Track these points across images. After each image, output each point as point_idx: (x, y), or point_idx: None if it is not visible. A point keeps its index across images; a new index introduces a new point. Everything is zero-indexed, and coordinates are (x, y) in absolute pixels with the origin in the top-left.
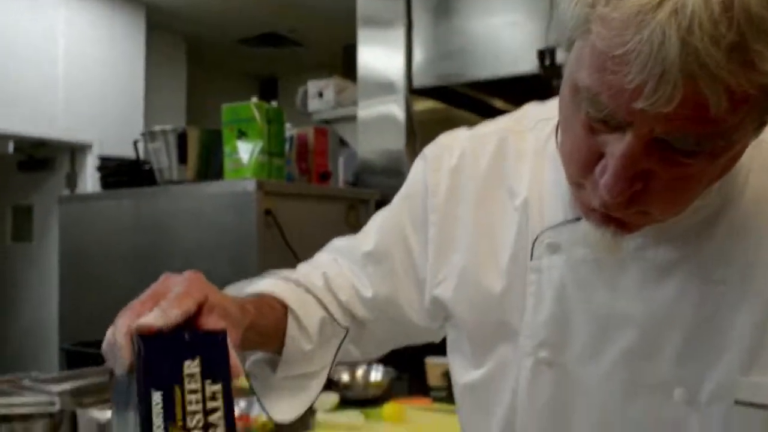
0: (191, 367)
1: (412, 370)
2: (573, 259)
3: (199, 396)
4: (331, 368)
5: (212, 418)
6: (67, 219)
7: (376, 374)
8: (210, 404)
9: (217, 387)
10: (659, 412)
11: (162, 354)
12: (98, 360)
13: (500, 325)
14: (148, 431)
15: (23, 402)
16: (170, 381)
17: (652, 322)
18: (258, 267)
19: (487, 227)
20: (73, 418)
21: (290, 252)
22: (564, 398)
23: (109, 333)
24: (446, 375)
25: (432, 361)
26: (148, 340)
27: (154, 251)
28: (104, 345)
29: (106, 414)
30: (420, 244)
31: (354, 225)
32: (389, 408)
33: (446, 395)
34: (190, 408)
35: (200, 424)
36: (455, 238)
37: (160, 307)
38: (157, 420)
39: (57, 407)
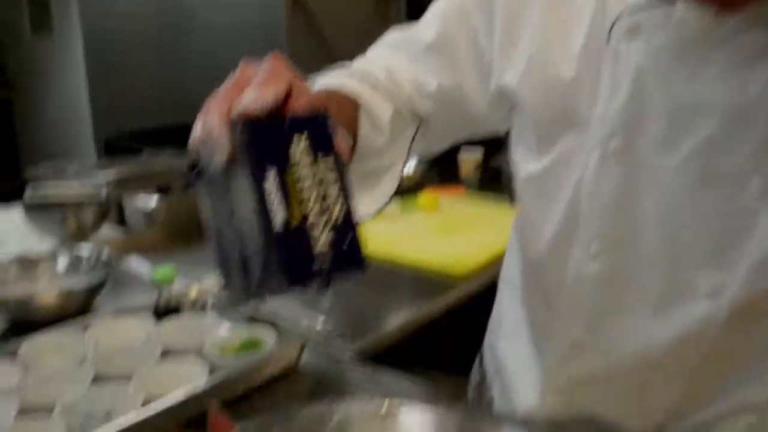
0: (298, 146)
1: (444, 161)
2: (654, 46)
3: (311, 174)
4: (404, 163)
5: (328, 197)
6: (88, 8)
7: (410, 166)
8: (323, 178)
9: (329, 160)
10: (731, 205)
11: (268, 137)
12: (136, 149)
13: (568, 113)
14: (264, 216)
15: (73, 190)
16: (280, 163)
17: (734, 111)
18: (287, 53)
19: (559, 9)
20: (120, 206)
21: (320, 38)
22: (631, 190)
23: (198, 127)
24: (479, 167)
25: (465, 154)
26: (252, 125)
27: (179, 36)
28: (194, 140)
29: (151, 201)
30: (485, 28)
31: (383, 11)
32: (424, 197)
33: (478, 186)
34: (304, 186)
35: (317, 209)
36: (524, 21)
37: (251, 90)
38: (275, 203)
39: (105, 195)
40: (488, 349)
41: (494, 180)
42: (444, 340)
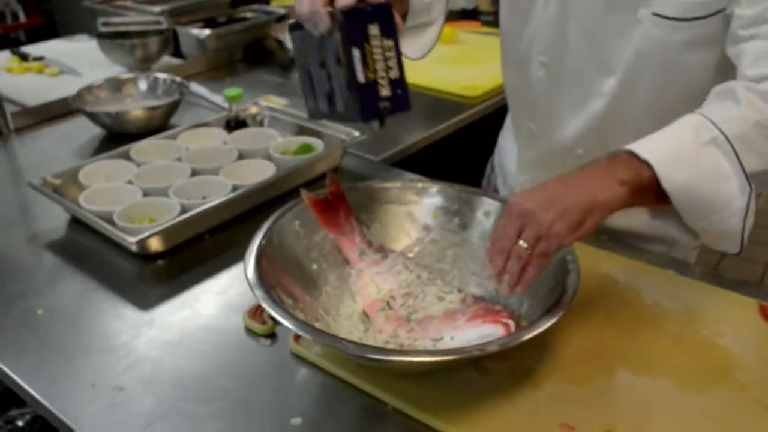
0: (373, 29)
1: None
2: None
3: (380, 50)
4: (444, 18)
5: (390, 63)
6: None
7: None
8: (387, 54)
9: (391, 42)
10: (624, 26)
11: (354, 22)
12: None
13: None
14: (354, 78)
15: (139, 21)
16: (362, 41)
17: None
18: None
19: None
20: (175, 35)
21: None
22: (564, 17)
23: (305, 4)
24: (495, 2)
25: None
26: (346, 15)
27: None
28: (300, 12)
29: (204, 32)
30: None
31: None
32: (443, 31)
33: (494, 19)
34: (376, 57)
35: (383, 68)
36: None
37: None
38: (359, 67)
39: (164, 25)
40: (497, 148)
41: None
42: (458, 154)
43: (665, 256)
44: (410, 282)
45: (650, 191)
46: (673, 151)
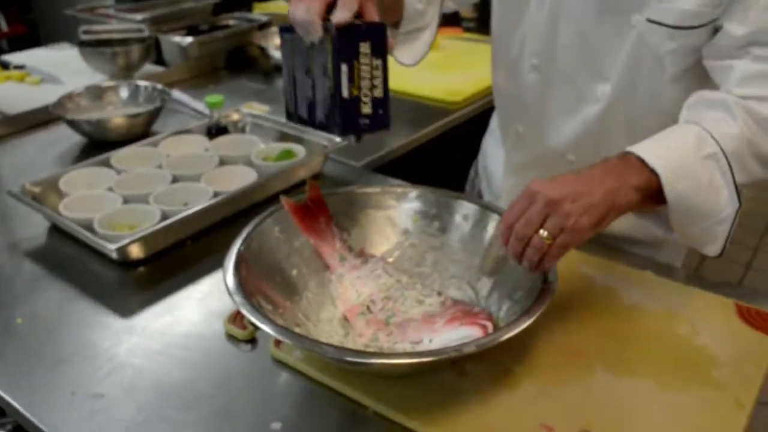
0: (364, 48)
1: None
2: None
3: (368, 68)
4: (438, 23)
5: (375, 81)
6: None
7: None
8: (374, 72)
9: (379, 62)
10: (618, 32)
11: (347, 38)
12: None
13: None
14: (338, 92)
15: (120, 29)
16: (352, 57)
17: None
18: None
19: None
20: (157, 44)
21: None
22: (555, 21)
23: (299, 10)
24: (477, 9)
25: None
26: (339, 31)
27: None
28: (297, 18)
29: (186, 39)
30: None
31: None
32: None
33: (476, 26)
34: (363, 75)
35: (368, 86)
36: None
37: (339, 7)
38: (344, 82)
39: (146, 33)
40: (481, 152)
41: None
42: (441, 159)
43: (645, 258)
44: (390, 286)
45: (654, 197)
46: (677, 161)
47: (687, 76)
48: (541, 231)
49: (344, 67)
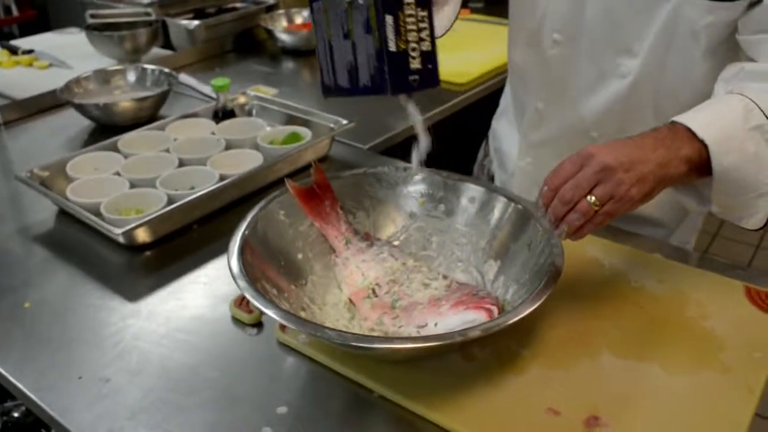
0: None
1: None
2: None
3: (413, 19)
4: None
5: (422, 34)
6: None
7: None
8: (420, 24)
9: (425, 13)
10: (644, 7)
11: None
12: None
13: None
14: (385, 47)
15: (128, 12)
16: (396, 8)
17: None
18: None
19: None
20: (165, 26)
21: None
22: None
23: None
24: None
25: None
26: None
27: None
28: None
29: (193, 22)
30: None
31: None
32: None
33: (483, 6)
34: (409, 27)
35: (415, 39)
36: None
37: None
38: (390, 35)
39: (153, 16)
40: (491, 132)
41: (498, 2)
42: (448, 141)
43: (654, 240)
44: (396, 269)
45: (699, 169)
46: (725, 132)
47: (720, 50)
48: (590, 198)
49: (389, 19)
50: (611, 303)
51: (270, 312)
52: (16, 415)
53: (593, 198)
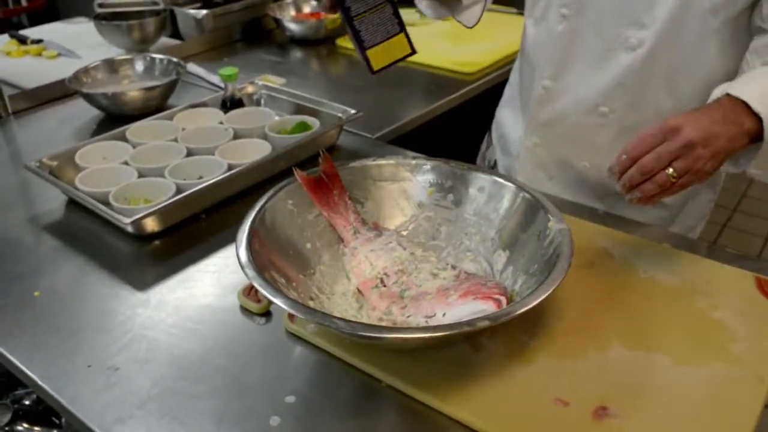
0: None
1: None
2: None
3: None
4: None
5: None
6: None
7: None
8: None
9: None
10: None
11: None
12: None
13: None
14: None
15: (136, 1)
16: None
17: None
18: None
19: None
20: (173, 17)
21: None
22: None
23: None
24: None
25: None
26: None
27: None
28: None
29: (201, 12)
30: None
31: None
32: None
33: None
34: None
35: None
36: None
37: None
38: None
39: (161, 5)
40: (494, 122)
41: None
42: (456, 131)
43: (662, 230)
44: (404, 259)
45: (754, 140)
46: None
47: (736, 22)
48: (669, 170)
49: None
50: (620, 294)
51: (278, 301)
52: (27, 402)
53: (671, 170)
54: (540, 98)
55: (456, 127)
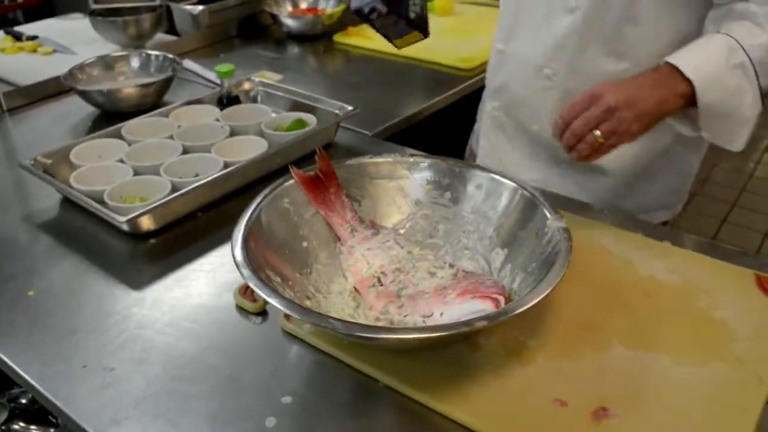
0: None
1: None
2: None
3: None
4: None
5: None
6: None
7: None
8: None
9: None
10: None
11: None
12: None
13: None
14: None
15: None
16: None
17: None
18: None
19: None
20: (169, 11)
21: None
22: None
23: None
24: None
25: None
26: None
27: None
28: None
29: (197, 7)
30: None
31: None
32: (439, 2)
33: None
34: None
35: None
36: None
37: None
38: None
39: (157, 1)
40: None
41: None
42: (455, 127)
43: (662, 228)
44: (401, 258)
45: (694, 102)
46: (710, 71)
47: None
48: (596, 132)
49: None
50: (620, 292)
51: (274, 301)
52: (23, 401)
53: (599, 133)
54: (495, 63)
55: (454, 123)
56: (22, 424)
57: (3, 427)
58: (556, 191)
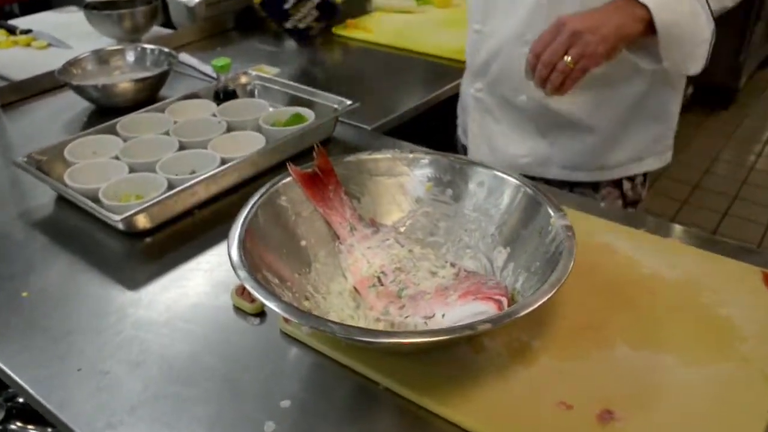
0: None
1: None
2: None
3: None
4: None
5: None
6: None
7: None
8: None
9: None
10: None
11: None
12: None
13: None
14: None
15: None
16: None
17: None
18: None
19: None
20: (164, 4)
21: None
22: None
23: None
24: None
25: None
26: None
27: None
28: None
29: (192, 0)
30: None
31: None
32: None
33: None
34: None
35: None
36: None
37: None
38: None
39: None
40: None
41: None
42: (455, 121)
43: (665, 223)
44: (402, 257)
45: (653, 28)
46: None
47: None
48: (566, 58)
49: None
50: (624, 291)
51: (272, 304)
52: (20, 400)
53: (569, 58)
54: (474, 43)
55: (455, 115)
56: (19, 423)
57: (0, 427)
58: (548, 162)
